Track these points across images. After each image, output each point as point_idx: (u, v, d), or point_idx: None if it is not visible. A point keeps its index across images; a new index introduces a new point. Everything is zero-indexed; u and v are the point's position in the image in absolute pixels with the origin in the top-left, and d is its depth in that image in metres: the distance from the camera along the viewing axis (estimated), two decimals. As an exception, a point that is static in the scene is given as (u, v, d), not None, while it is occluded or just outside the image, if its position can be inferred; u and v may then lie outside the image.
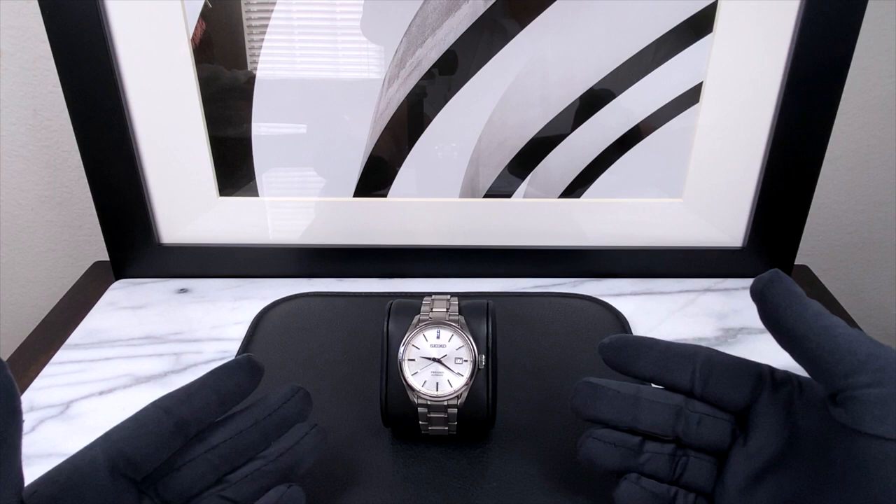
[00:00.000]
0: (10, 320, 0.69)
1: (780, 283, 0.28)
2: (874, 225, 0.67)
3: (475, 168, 0.53)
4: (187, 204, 0.54)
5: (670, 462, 0.31)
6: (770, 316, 0.28)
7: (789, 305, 0.27)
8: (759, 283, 0.28)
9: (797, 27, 0.47)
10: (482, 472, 0.37)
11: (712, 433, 0.30)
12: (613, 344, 0.32)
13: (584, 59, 0.49)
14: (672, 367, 0.31)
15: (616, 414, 0.31)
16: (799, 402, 0.29)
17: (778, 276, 0.28)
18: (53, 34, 0.47)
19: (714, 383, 0.30)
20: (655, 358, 0.31)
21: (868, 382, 0.25)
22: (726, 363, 0.31)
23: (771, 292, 0.27)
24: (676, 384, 0.31)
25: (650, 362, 0.31)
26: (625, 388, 0.31)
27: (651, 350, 0.32)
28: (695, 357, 0.31)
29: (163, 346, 0.48)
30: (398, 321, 0.37)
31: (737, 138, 0.52)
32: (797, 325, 0.27)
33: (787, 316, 0.27)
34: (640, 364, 0.32)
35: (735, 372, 0.30)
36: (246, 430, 0.30)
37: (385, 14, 0.48)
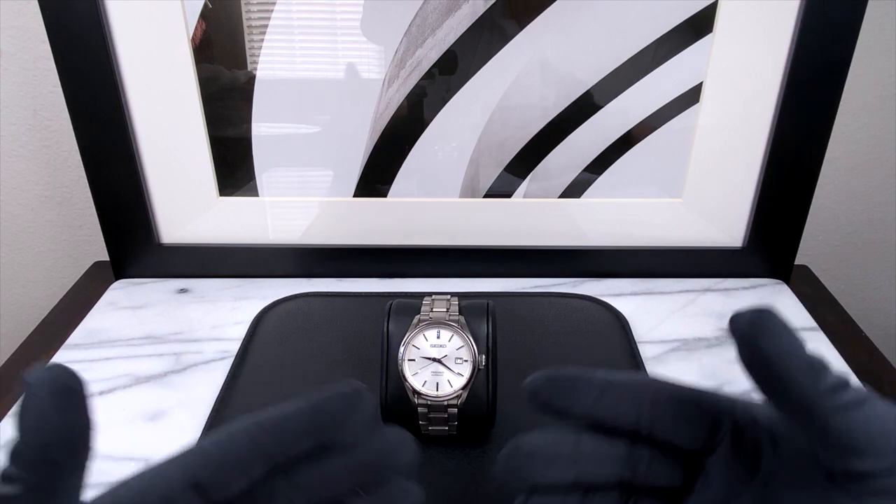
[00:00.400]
0: (10, 320, 0.69)
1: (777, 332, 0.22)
2: (874, 225, 0.67)
3: (475, 168, 0.53)
4: (187, 204, 0.54)
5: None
6: (760, 369, 0.22)
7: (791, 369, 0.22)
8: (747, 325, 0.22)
9: (797, 27, 0.47)
10: (482, 472, 0.37)
11: (662, 476, 0.26)
12: (541, 385, 0.27)
13: (584, 59, 0.49)
14: (615, 407, 0.26)
15: (555, 479, 0.26)
16: (774, 460, 0.24)
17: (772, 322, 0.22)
18: (53, 34, 0.47)
19: (664, 425, 0.26)
20: (595, 397, 0.26)
21: (886, 473, 0.21)
22: (679, 401, 0.26)
23: (765, 343, 0.22)
24: (620, 426, 0.26)
25: (588, 402, 0.26)
26: (561, 444, 0.26)
27: (589, 387, 0.26)
28: (642, 394, 0.26)
29: (163, 346, 0.48)
30: (398, 321, 0.37)
31: (737, 138, 0.52)
32: (802, 394, 0.22)
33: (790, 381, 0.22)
34: (576, 405, 0.26)
35: (689, 412, 0.26)
36: (336, 471, 0.25)
37: (385, 14, 0.48)
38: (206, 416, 0.41)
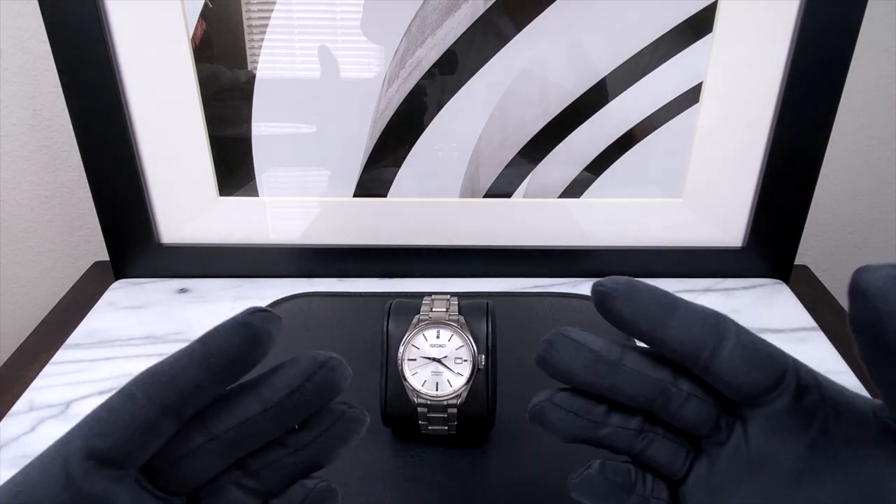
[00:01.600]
0: (10, 320, 0.69)
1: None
2: (874, 225, 0.67)
3: (475, 168, 0.53)
4: (187, 204, 0.54)
5: (634, 437, 0.26)
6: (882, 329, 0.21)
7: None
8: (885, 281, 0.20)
9: (797, 27, 0.47)
10: (482, 472, 0.37)
11: (695, 417, 0.25)
12: (619, 292, 0.25)
13: (584, 59, 0.49)
14: (685, 338, 0.24)
15: (591, 379, 0.25)
16: (836, 424, 0.24)
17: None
18: (53, 34, 0.47)
19: (727, 368, 0.24)
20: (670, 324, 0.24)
21: None
22: (751, 348, 0.24)
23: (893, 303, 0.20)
24: (684, 357, 0.25)
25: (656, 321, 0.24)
26: (608, 349, 0.25)
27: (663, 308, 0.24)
28: (714, 330, 0.24)
29: (163, 346, 0.48)
30: (398, 321, 0.37)
31: (737, 138, 0.52)
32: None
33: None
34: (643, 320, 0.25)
35: (757, 361, 0.24)
36: (253, 417, 0.24)
37: (385, 14, 0.48)
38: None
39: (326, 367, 0.24)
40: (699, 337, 0.24)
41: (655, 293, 0.25)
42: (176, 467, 0.24)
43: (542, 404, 0.26)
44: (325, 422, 0.25)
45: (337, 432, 0.25)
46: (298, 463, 0.25)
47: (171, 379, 0.23)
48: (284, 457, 0.25)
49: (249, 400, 0.24)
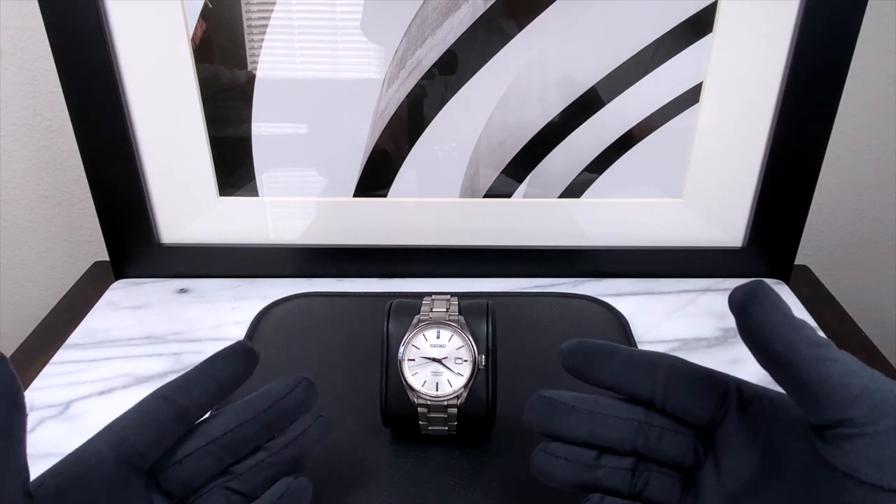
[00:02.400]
0: (10, 320, 0.69)
1: (765, 298, 0.25)
2: (874, 225, 0.67)
3: (475, 168, 0.53)
4: (187, 204, 0.54)
5: (631, 477, 0.29)
6: (752, 334, 0.25)
7: (776, 326, 0.24)
8: (741, 294, 0.25)
9: (797, 27, 0.47)
10: (482, 472, 0.37)
11: (673, 448, 0.29)
12: (573, 350, 0.30)
13: (584, 59, 0.49)
14: (634, 376, 0.29)
15: (571, 428, 0.30)
16: (775, 427, 0.26)
17: (763, 290, 0.25)
18: (53, 34, 0.47)
19: (676, 396, 0.28)
20: (617, 367, 0.30)
21: (862, 421, 0.22)
22: (691, 375, 0.29)
23: (755, 308, 0.24)
24: (638, 395, 0.29)
25: (611, 371, 0.30)
26: (581, 401, 0.30)
27: (613, 357, 0.30)
28: (658, 367, 0.29)
29: (163, 346, 0.48)
30: (398, 321, 0.37)
31: (737, 138, 0.52)
32: (785, 349, 0.24)
33: (774, 338, 0.24)
34: (601, 372, 0.30)
35: (699, 385, 0.28)
36: (247, 421, 0.30)
37: (385, 14, 0.48)
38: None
39: (302, 385, 0.31)
40: (641, 374, 0.29)
41: (600, 345, 0.30)
42: (177, 468, 0.28)
43: (537, 456, 0.30)
44: (300, 428, 0.31)
45: (310, 435, 0.31)
46: (279, 463, 0.30)
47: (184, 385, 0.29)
48: (266, 458, 0.30)
49: (244, 408, 0.30)
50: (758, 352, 0.25)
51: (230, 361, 0.30)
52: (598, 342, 0.31)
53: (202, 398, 0.29)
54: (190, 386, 0.29)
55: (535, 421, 0.30)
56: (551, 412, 0.30)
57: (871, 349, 0.50)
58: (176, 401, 0.28)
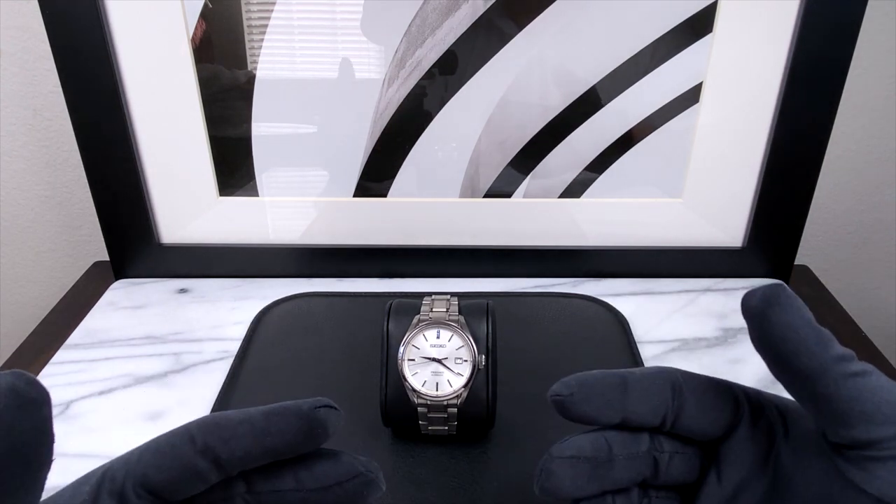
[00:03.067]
0: (10, 320, 0.69)
1: (789, 304, 0.23)
2: (874, 225, 0.67)
3: (475, 168, 0.53)
4: (187, 204, 0.54)
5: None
6: (772, 344, 0.23)
7: (802, 338, 0.22)
8: (760, 300, 0.23)
9: (797, 27, 0.47)
10: (482, 472, 0.37)
11: (680, 470, 0.27)
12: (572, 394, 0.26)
13: (584, 59, 0.49)
14: (642, 407, 0.26)
15: (596, 486, 0.26)
16: (784, 443, 0.25)
17: (785, 295, 0.23)
18: (53, 34, 0.47)
19: (687, 416, 0.26)
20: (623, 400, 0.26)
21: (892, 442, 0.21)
22: (698, 390, 0.26)
23: (777, 316, 0.22)
24: (647, 423, 0.26)
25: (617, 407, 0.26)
26: (598, 449, 0.26)
27: (616, 390, 0.26)
28: (664, 388, 0.26)
29: (163, 346, 0.48)
30: (398, 321, 0.37)
31: (737, 138, 0.52)
32: (811, 362, 0.22)
33: (800, 350, 0.22)
34: (607, 412, 0.26)
35: (709, 400, 0.26)
36: (285, 491, 0.24)
37: (385, 14, 0.48)
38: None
39: (360, 479, 0.25)
40: (656, 400, 0.26)
41: (605, 378, 0.26)
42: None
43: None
44: None
45: None
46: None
47: (229, 440, 0.23)
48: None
49: (287, 476, 0.25)
50: (776, 363, 0.23)
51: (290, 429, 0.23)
52: (600, 375, 0.26)
53: (244, 461, 0.24)
54: (233, 444, 0.23)
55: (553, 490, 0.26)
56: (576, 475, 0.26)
57: (872, 349, 0.50)
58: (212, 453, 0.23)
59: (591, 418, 0.26)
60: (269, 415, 0.24)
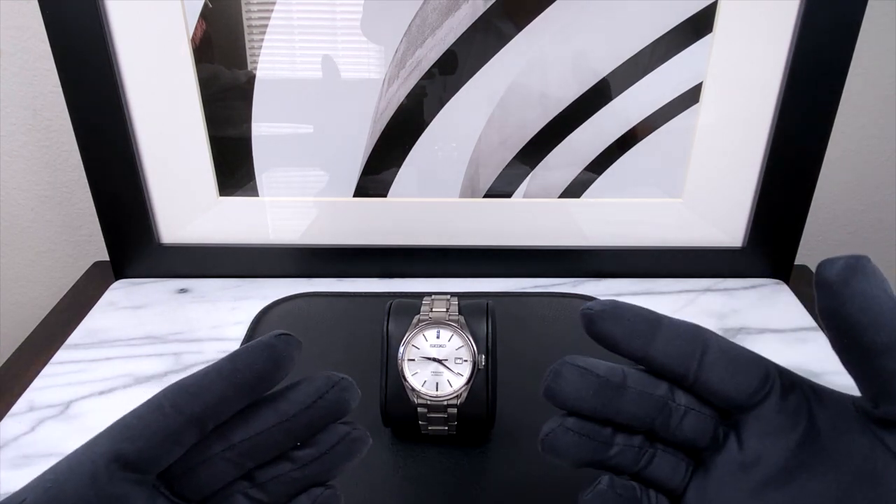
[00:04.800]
0: (10, 320, 0.69)
1: (873, 274, 0.22)
2: (874, 225, 0.67)
3: (475, 168, 0.53)
4: (187, 204, 0.54)
5: (638, 455, 0.26)
6: (845, 313, 0.22)
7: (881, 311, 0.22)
8: (842, 268, 0.22)
9: (797, 27, 0.47)
10: (482, 472, 0.37)
11: (693, 429, 0.26)
12: (608, 313, 0.26)
13: (584, 60, 0.49)
14: (670, 349, 0.26)
15: (599, 404, 0.26)
16: (821, 413, 0.25)
17: (868, 265, 0.22)
18: (53, 34, 0.47)
19: (713, 373, 0.25)
20: (653, 335, 0.26)
21: None
22: (731, 353, 0.26)
23: (860, 285, 0.22)
24: (670, 369, 0.26)
25: (645, 339, 0.26)
26: (611, 372, 0.26)
27: (649, 325, 0.26)
28: (699, 341, 0.26)
29: (163, 346, 0.48)
30: (398, 321, 0.37)
31: (737, 138, 0.52)
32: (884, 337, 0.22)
33: (877, 323, 0.22)
34: (634, 340, 0.26)
35: (740, 365, 0.26)
36: (269, 429, 0.25)
37: (385, 14, 0.48)
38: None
39: (338, 386, 0.26)
40: (684, 349, 0.26)
41: (640, 311, 0.26)
42: (192, 473, 0.25)
43: (555, 431, 0.27)
44: (331, 440, 0.26)
45: (341, 450, 0.26)
46: (304, 478, 0.26)
47: (199, 391, 0.24)
48: (291, 471, 0.26)
49: (267, 412, 0.25)
50: (845, 334, 0.23)
51: (256, 363, 0.25)
52: (636, 307, 0.26)
53: (218, 407, 0.24)
54: (205, 393, 0.24)
55: (558, 392, 0.26)
56: (580, 384, 0.26)
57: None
58: (187, 410, 0.24)
59: (616, 340, 0.26)
60: (233, 356, 0.25)
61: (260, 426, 0.25)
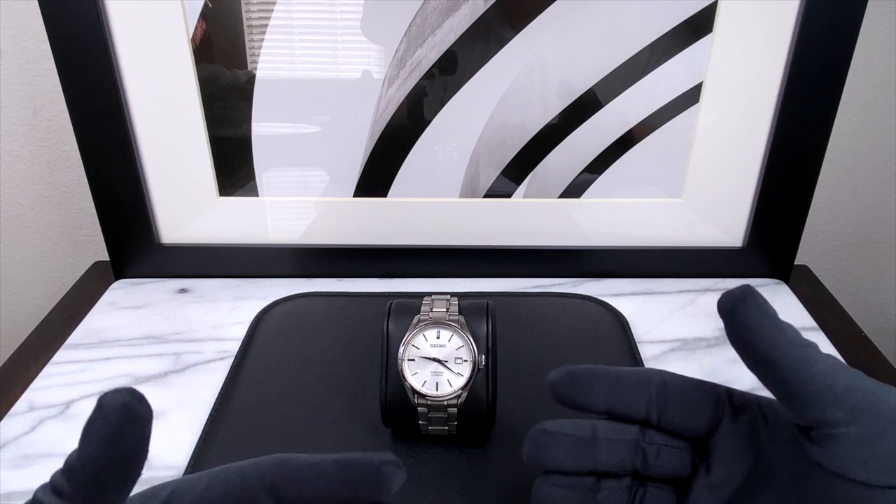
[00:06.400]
0: (10, 320, 0.69)
1: (753, 301, 0.25)
2: (874, 225, 0.67)
3: (475, 168, 0.53)
4: (187, 204, 0.54)
5: (628, 494, 0.29)
6: (740, 336, 0.25)
7: (762, 327, 0.25)
8: (729, 298, 0.25)
9: (797, 27, 0.47)
10: (482, 472, 0.37)
11: (671, 463, 0.28)
12: (562, 379, 0.29)
13: (584, 60, 0.49)
14: (626, 398, 0.28)
15: (575, 461, 0.29)
16: (764, 431, 0.27)
17: (751, 294, 0.25)
18: (53, 34, 0.47)
19: (671, 411, 0.28)
20: (608, 390, 0.29)
21: (846, 420, 0.23)
22: (682, 389, 0.29)
23: (742, 311, 0.25)
24: (632, 415, 0.29)
25: (603, 395, 0.29)
26: (581, 429, 0.29)
27: (603, 381, 0.29)
28: (649, 384, 0.29)
29: (163, 346, 0.48)
30: (398, 321, 0.37)
31: (737, 138, 0.52)
32: (770, 349, 0.24)
33: (760, 339, 0.25)
34: (593, 398, 0.29)
35: (692, 398, 0.28)
36: None
37: (385, 14, 0.48)
38: (205, 416, 0.41)
39: None
40: (641, 396, 0.28)
41: (596, 371, 0.29)
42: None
43: (541, 488, 0.29)
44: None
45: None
46: None
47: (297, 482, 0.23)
48: None
49: None
50: (745, 354, 0.26)
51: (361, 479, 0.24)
52: (586, 367, 0.29)
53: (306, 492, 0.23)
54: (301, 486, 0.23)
55: (537, 457, 0.29)
56: (553, 445, 0.29)
57: (871, 349, 0.50)
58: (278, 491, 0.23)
59: (579, 403, 0.29)
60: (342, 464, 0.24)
61: None
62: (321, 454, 0.24)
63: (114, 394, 0.22)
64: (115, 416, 0.21)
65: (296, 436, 0.39)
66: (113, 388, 0.22)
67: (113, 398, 0.21)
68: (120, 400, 0.21)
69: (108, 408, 0.21)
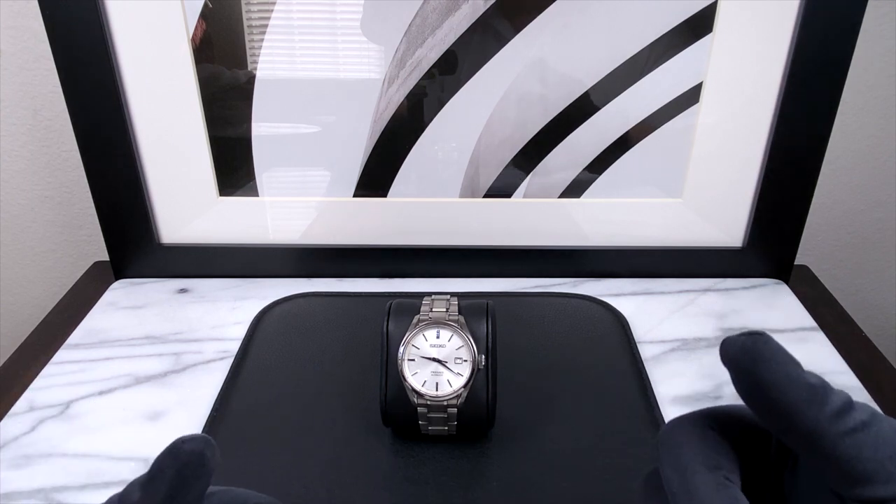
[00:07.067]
0: (10, 320, 0.69)
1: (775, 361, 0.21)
2: (874, 225, 0.67)
3: (475, 168, 0.53)
4: (187, 204, 0.54)
5: None
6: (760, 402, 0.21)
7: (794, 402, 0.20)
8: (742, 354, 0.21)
9: (797, 27, 0.47)
10: (482, 472, 0.37)
11: None
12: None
13: (584, 59, 0.49)
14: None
15: None
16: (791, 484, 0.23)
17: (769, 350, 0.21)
18: (53, 34, 0.47)
19: None
20: None
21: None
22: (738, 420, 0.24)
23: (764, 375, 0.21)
24: None
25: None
26: None
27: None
28: None
29: (163, 346, 0.48)
30: (398, 321, 0.37)
31: (737, 138, 0.52)
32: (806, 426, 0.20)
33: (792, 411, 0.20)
34: None
35: None
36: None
37: (385, 14, 0.48)
38: (205, 416, 0.41)
39: None
40: None
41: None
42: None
43: None
44: None
45: None
46: None
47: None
48: None
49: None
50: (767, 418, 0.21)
51: None
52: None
53: None
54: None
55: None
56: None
57: (872, 349, 0.50)
58: None
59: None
60: None
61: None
62: None
63: (191, 441, 0.21)
64: (190, 469, 0.21)
65: (295, 436, 0.39)
66: (189, 435, 0.21)
67: (190, 445, 0.21)
68: (196, 448, 0.21)
69: (183, 456, 0.21)
